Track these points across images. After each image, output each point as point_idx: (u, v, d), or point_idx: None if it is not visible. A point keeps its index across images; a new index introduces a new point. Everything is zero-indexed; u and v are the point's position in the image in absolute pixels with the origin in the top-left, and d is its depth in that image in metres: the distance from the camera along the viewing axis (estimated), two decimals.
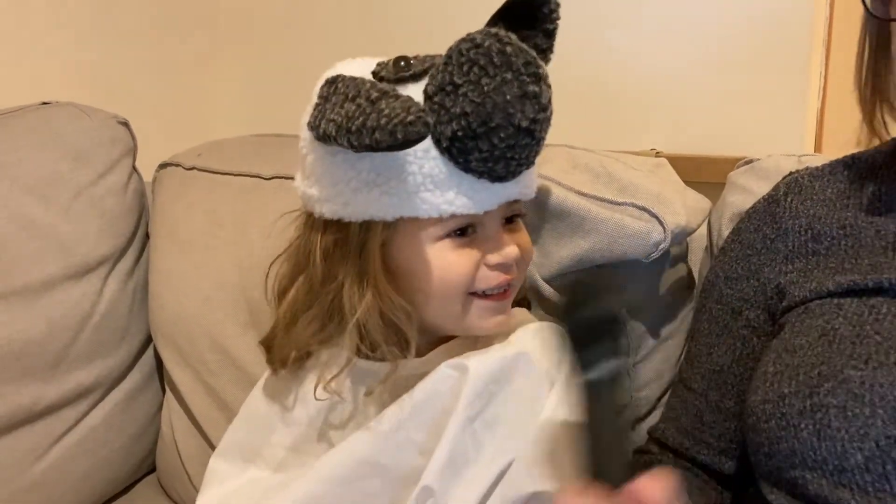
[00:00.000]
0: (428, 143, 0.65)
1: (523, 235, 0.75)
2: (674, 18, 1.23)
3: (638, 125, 1.27)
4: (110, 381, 1.08)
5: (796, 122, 1.18)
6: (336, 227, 0.71)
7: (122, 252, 1.11)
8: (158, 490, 1.15)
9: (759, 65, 1.18)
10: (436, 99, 0.65)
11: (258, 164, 1.10)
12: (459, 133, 0.64)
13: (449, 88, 0.64)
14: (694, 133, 1.23)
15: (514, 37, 0.64)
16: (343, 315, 0.72)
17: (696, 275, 1.02)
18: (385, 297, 0.70)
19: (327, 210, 0.70)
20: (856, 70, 0.73)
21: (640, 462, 0.84)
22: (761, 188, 0.85)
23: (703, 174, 1.11)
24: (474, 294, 0.72)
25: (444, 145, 0.65)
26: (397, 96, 0.63)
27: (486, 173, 0.66)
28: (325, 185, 0.70)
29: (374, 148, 0.61)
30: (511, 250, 0.71)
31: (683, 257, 1.01)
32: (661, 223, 0.85)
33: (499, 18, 0.71)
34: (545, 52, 0.71)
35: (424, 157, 0.66)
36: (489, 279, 0.71)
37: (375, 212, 0.68)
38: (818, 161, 0.83)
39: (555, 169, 0.91)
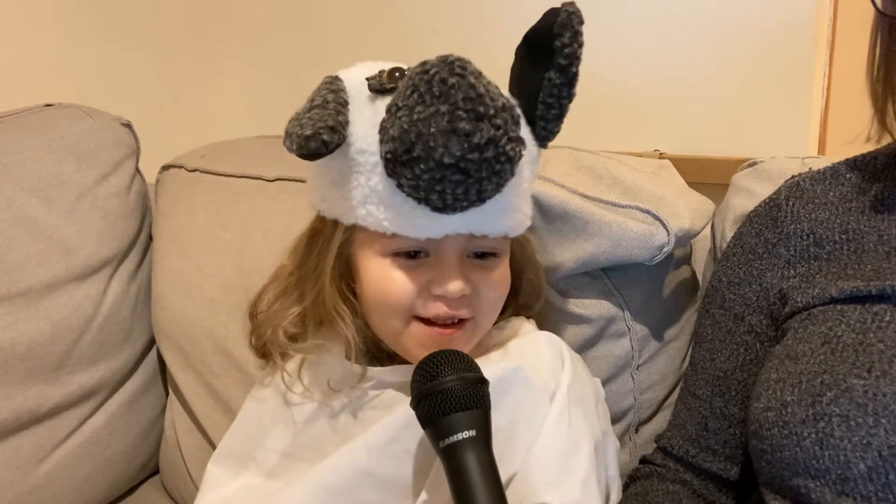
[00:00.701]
0: (376, 157, 0.65)
1: (491, 275, 0.73)
2: (677, 20, 1.23)
3: (642, 126, 1.27)
4: (114, 384, 1.08)
5: (800, 124, 1.18)
6: (318, 219, 0.75)
7: (125, 254, 1.11)
8: (162, 492, 1.16)
9: (763, 66, 1.17)
10: (385, 117, 0.64)
11: (261, 166, 1.09)
12: (388, 156, 0.63)
13: (393, 109, 0.63)
14: (698, 134, 1.22)
15: (470, 68, 0.61)
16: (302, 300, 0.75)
17: (699, 277, 1.02)
18: (327, 293, 0.73)
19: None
20: (867, 66, 0.72)
21: (641, 473, 0.83)
22: (765, 190, 0.85)
23: (707, 175, 1.10)
24: (420, 318, 0.72)
25: (384, 164, 0.65)
26: (326, 108, 0.63)
27: (423, 200, 0.64)
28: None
29: (290, 152, 0.63)
30: (453, 286, 0.69)
31: (687, 259, 1.01)
32: (664, 226, 0.85)
33: (524, 42, 0.69)
34: (560, 87, 0.67)
35: (372, 171, 0.66)
36: (430, 308, 0.70)
37: (339, 212, 0.71)
38: (822, 163, 0.83)
39: (558, 171, 0.90)
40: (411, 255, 0.70)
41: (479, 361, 0.71)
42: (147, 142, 1.18)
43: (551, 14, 0.66)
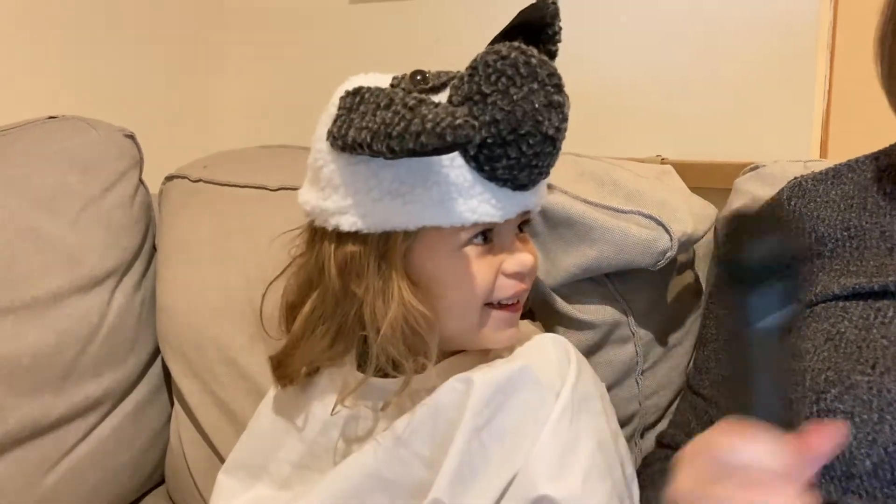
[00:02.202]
0: (453, 153, 0.67)
1: (531, 245, 0.76)
2: (679, 26, 1.23)
3: (644, 132, 1.27)
4: (119, 394, 1.08)
5: (801, 128, 1.18)
6: (353, 240, 0.69)
7: (130, 264, 1.11)
8: (167, 502, 1.15)
9: (765, 71, 1.18)
10: (461, 109, 0.65)
11: (264, 176, 1.10)
12: (489, 140, 0.65)
13: (477, 98, 0.65)
14: (700, 139, 1.23)
15: (535, 50, 0.66)
16: (361, 329, 0.71)
17: (702, 282, 1.02)
18: (409, 307, 0.69)
19: (344, 222, 0.69)
20: (881, 63, 0.73)
21: (653, 458, 0.83)
22: (767, 194, 0.85)
23: (709, 180, 1.11)
24: (490, 305, 0.72)
25: (472, 153, 0.66)
26: (435, 103, 0.64)
27: (510, 181, 0.67)
28: (342, 195, 0.69)
29: (418, 152, 0.62)
30: (527, 258, 0.72)
31: (690, 264, 1.01)
32: (667, 231, 0.85)
33: (504, 36, 0.71)
34: None
35: (450, 166, 0.67)
36: (506, 288, 0.72)
37: (397, 222, 0.68)
38: (824, 166, 0.83)
39: (561, 177, 0.91)
40: (480, 240, 0.71)
41: (487, 364, 0.71)
42: (150, 153, 1.19)
43: (541, 5, 0.71)
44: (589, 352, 0.89)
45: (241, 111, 1.65)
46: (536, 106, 0.64)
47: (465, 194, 0.67)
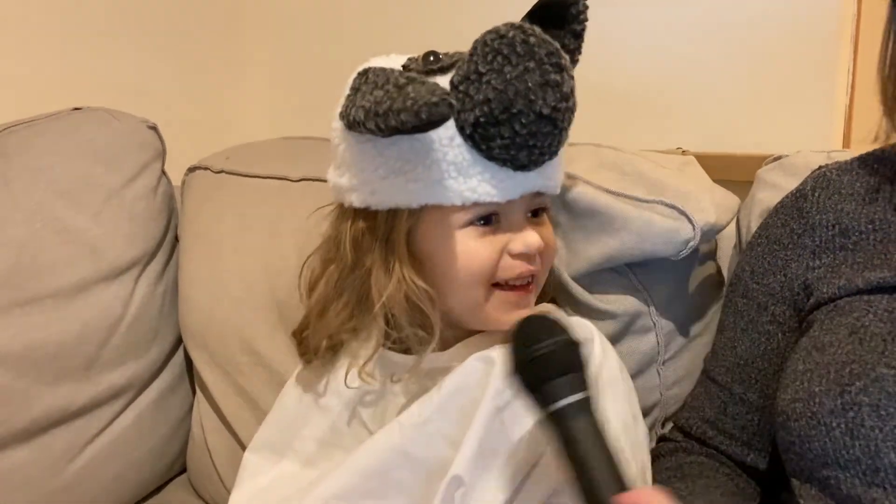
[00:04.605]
0: (452, 130, 0.67)
1: (547, 229, 0.76)
2: (700, 16, 1.22)
3: (663, 124, 1.26)
4: (141, 383, 1.09)
5: (824, 119, 1.17)
6: (364, 216, 0.73)
7: (152, 255, 1.12)
8: (189, 490, 1.16)
9: (786, 62, 1.17)
10: (461, 88, 0.67)
11: (286, 167, 1.10)
12: (482, 119, 0.66)
13: (473, 77, 0.66)
14: (720, 131, 1.22)
15: (537, 29, 0.66)
16: (371, 301, 0.73)
17: (724, 272, 1.02)
18: (409, 282, 0.72)
19: (356, 199, 0.72)
20: (879, 63, 0.72)
21: (665, 449, 0.84)
22: (790, 184, 0.84)
23: (730, 173, 1.10)
24: (497, 285, 0.73)
25: (468, 132, 0.67)
26: (423, 82, 0.65)
27: (509, 161, 0.68)
28: (354, 173, 0.72)
29: (400, 129, 0.63)
30: (533, 239, 0.72)
31: (712, 255, 1.01)
32: (690, 221, 0.84)
33: (528, 18, 0.72)
34: (573, 52, 0.73)
35: (449, 145, 0.68)
36: (512, 268, 0.72)
37: (401, 199, 0.70)
38: (847, 157, 0.82)
39: (582, 168, 0.91)
40: (485, 221, 0.72)
41: None
42: (173, 144, 1.19)
43: None
44: (610, 342, 0.88)
45: (263, 102, 1.65)
46: (530, 85, 0.64)
47: (464, 173, 0.68)
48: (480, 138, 0.67)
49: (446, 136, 0.68)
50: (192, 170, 1.20)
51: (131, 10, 1.41)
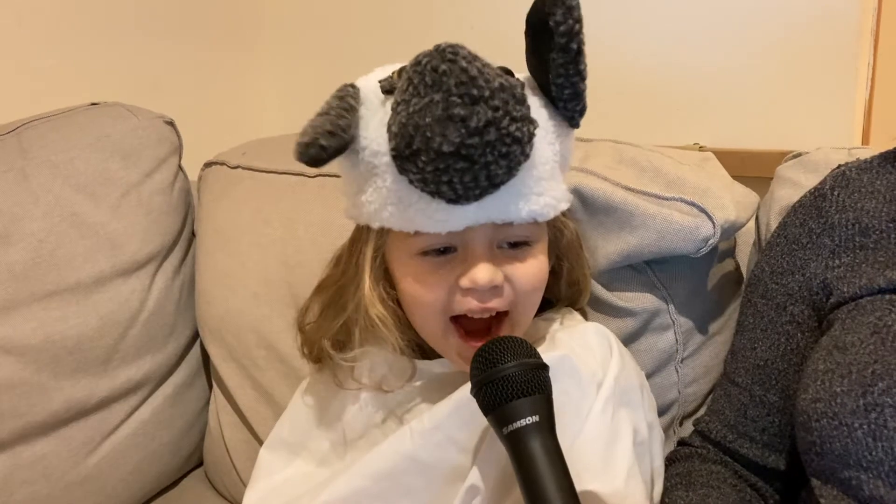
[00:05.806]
0: (388, 158, 0.64)
1: (524, 265, 0.70)
2: (718, 12, 1.22)
3: (681, 120, 1.26)
4: (159, 377, 1.10)
5: (843, 116, 1.16)
6: (357, 227, 0.75)
7: (169, 249, 1.13)
8: (206, 484, 1.17)
9: (805, 57, 1.16)
10: (390, 115, 0.63)
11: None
12: (393, 153, 0.63)
13: (394, 106, 0.62)
14: (738, 128, 1.21)
15: (462, 52, 0.60)
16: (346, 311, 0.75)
17: (743, 270, 1.01)
18: (368, 300, 0.72)
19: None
20: None
21: (681, 454, 0.83)
22: (810, 181, 0.84)
23: (749, 169, 1.09)
24: (457, 321, 0.71)
25: (395, 164, 0.64)
26: (328, 113, 0.63)
27: (435, 193, 0.63)
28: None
29: (296, 160, 0.62)
30: (481, 275, 0.67)
31: (731, 252, 1.00)
32: (709, 218, 0.84)
33: (527, 27, 0.68)
34: (565, 66, 0.63)
35: (386, 171, 0.65)
36: (464, 303, 0.69)
37: (366, 218, 0.69)
38: (868, 154, 0.82)
39: (600, 164, 0.90)
40: (440, 252, 0.69)
41: None
42: (189, 139, 1.20)
43: (538, 2, 0.64)
44: (628, 339, 0.89)
45: (279, 98, 1.66)
46: (428, 120, 0.59)
47: (403, 201, 0.66)
48: (399, 170, 0.63)
49: (384, 163, 0.65)
50: (208, 165, 1.21)
51: (148, 5, 1.42)
